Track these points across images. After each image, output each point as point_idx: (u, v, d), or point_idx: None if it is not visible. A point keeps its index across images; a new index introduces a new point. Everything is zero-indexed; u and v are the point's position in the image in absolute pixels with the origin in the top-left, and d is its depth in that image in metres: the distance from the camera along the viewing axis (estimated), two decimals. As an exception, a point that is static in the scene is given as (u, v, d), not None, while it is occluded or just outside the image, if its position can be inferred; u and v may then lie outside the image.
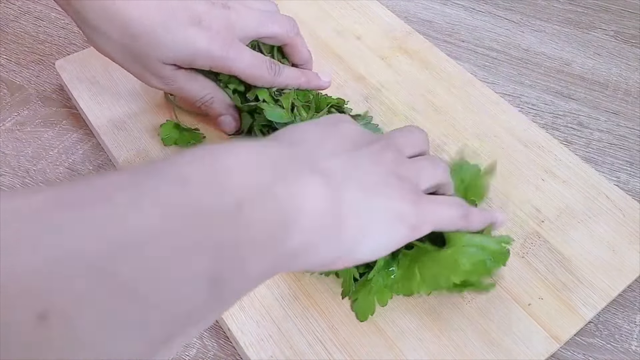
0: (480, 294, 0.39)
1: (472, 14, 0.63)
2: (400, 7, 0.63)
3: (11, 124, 0.52)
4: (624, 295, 0.42)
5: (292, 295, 0.39)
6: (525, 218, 0.43)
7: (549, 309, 0.39)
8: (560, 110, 0.54)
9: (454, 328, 0.38)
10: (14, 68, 0.56)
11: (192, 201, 0.21)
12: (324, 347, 0.37)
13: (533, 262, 0.41)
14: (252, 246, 0.22)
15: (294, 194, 0.25)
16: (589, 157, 0.50)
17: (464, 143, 0.48)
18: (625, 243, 0.42)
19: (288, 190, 0.25)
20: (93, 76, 0.51)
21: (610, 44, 0.60)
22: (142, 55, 0.40)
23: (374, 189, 0.31)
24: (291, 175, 0.26)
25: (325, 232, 0.27)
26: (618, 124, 0.53)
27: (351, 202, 0.29)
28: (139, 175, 0.22)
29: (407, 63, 0.54)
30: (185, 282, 0.20)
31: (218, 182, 0.22)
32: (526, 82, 0.56)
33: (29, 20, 0.60)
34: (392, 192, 0.32)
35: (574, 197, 0.45)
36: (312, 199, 0.26)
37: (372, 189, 0.31)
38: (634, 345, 0.40)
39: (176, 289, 0.20)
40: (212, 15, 0.40)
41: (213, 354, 0.39)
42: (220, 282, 0.21)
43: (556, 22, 0.62)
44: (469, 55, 0.59)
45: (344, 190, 0.29)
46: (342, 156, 0.31)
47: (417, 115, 0.50)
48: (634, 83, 0.56)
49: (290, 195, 0.25)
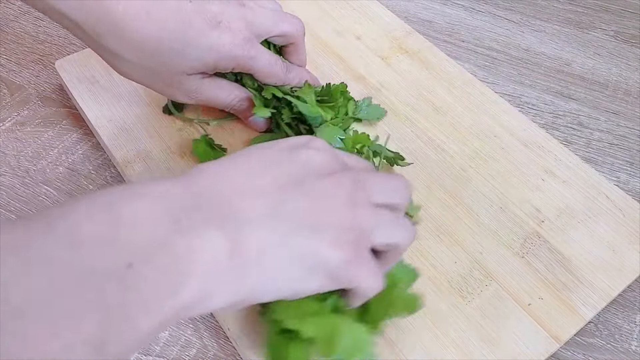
0: (480, 295, 0.39)
1: (472, 14, 0.63)
2: (400, 7, 0.63)
3: (11, 124, 0.52)
4: (624, 295, 0.42)
5: (292, 295, 0.39)
6: (525, 218, 0.43)
7: (549, 309, 0.39)
8: (560, 110, 0.54)
9: (454, 328, 0.38)
10: (14, 68, 0.56)
11: (82, 262, 0.21)
12: (324, 347, 0.37)
13: (533, 262, 0.41)
14: (143, 304, 0.22)
15: (190, 248, 0.24)
16: (589, 157, 0.50)
17: (464, 143, 0.48)
18: (625, 243, 0.42)
19: (183, 243, 0.24)
20: (93, 76, 0.51)
21: (610, 44, 0.60)
22: (164, 72, 0.39)
23: (298, 232, 0.28)
24: (188, 227, 0.24)
25: (222, 281, 0.25)
26: (618, 124, 0.53)
27: (259, 247, 0.26)
28: (32, 231, 0.21)
29: (407, 63, 0.54)
30: (70, 349, 0.20)
31: (110, 239, 0.22)
32: (526, 82, 0.56)
33: (29, 20, 0.60)
34: (323, 236, 0.28)
35: (574, 197, 0.45)
36: (209, 251, 0.24)
37: (296, 231, 0.28)
38: (634, 345, 0.40)
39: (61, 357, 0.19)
40: (229, 14, 0.40)
41: (213, 354, 0.39)
42: (108, 344, 0.21)
43: (556, 22, 0.62)
44: (469, 55, 0.59)
45: (251, 235, 0.26)
46: (269, 195, 0.28)
47: (417, 115, 0.50)
48: (634, 83, 0.56)
49: (185, 248, 0.24)
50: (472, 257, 0.41)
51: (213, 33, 0.39)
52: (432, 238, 0.42)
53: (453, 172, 0.46)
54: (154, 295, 0.22)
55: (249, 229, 0.26)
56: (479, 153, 0.47)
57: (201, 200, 0.26)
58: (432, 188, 0.45)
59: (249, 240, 0.26)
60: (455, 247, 0.42)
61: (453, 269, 0.40)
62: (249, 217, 0.27)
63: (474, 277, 0.40)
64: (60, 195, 0.46)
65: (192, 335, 0.40)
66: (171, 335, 0.40)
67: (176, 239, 0.23)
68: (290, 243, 0.27)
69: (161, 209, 0.24)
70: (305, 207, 0.28)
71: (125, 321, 0.21)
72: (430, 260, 0.41)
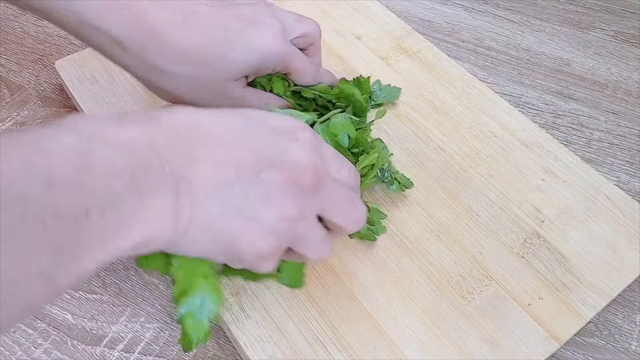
0: (480, 295, 0.39)
1: (472, 14, 0.63)
2: (400, 7, 0.63)
3: (11, 124, 0.52)
4: (624, 295, 0.42)
5: (292, 295, 0.39)
6: (525, 218, 0.43)
7: (549, 309, 0.39)
8: (560, 110, 0.54)
9: (454, 328, 0.38)
10: (14, 68, 0.56)
11: (52, 203, 0.22)
12: (323, 347, 0.37)
13: (533, 262, 0.41)
14: (90, 249, 0.24)
15: (140, 205, 0.25)
16: (589, 157, 0.50)
17: (464, 143, 0.48)
18: (625, 243, 0.42)
19: (135, 200, 0.25)
20: (93, 76, 0.51)
21: (610, 44, 0.60)
22: (211, 80, 0.39)
23: (238, 214, 0.28)
24: (144, 186, 0.25)
25: (161, 237, 0.27)
26: (618, 124, 0.53)
27: (200, 220, 0.28)
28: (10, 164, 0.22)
29: (407, 63, 0.54)
30: (25, 279, 0.22)
31: (78, 184, 0.23)
32: (526, 82, 0.56)
33: (29, 20, 0.60)
34: (266, 213, 0.29)
35: (574, 197, 0.45)
36: (156, 212, 0.26)
37: (237, 213, 0.28)
38: (634, 345, 0.40)
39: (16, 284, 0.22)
40: (261, 13, 0.39)
41: (213, 354, 0.39)
42: (56, 278, 0.23)
43: (556, 22, 0.62)
44: (469, 55, 0.59)
45: (196, 205, 0.27)
46: (231, 171, 0.28)
47: (417, 115, 0.50)
48: (634, 83, 0.56)
49: (136, 205, 0.25)
50: (472, 257, 0.41)
51: (253, 32, 0.38)
52: (432, 238, 0.42)
53: (453, 172, 0.46)
54: (100, 242, 0.24)
55: (197, 199, 0.27)
56: (479, 153, 0.47)
57: (163, 160, 0.27)
58: (432, 188, 0.45)
59: (193, 209, 0.27)
60: (455, 247, 0.42)
61: (453, 269, 0.40)
62: (202, 188, 0.27)
63: (474, 277, 0.40)
64: (60, 195, 0.46)
65: (192, 335, 0.40)
66: (171, 335, 0.40)
67: (131, 195, 0.25)
68: (226, 224, 0.28)
69: (125, 163, 0.25)
70: (257, 195, 0.29)
71: (73, 261, 0.23)
72: (430, 260, 0.41)
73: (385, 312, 0.38)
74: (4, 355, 0.38)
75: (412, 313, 0.38)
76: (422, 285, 0.40)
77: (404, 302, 0.39)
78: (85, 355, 0.39)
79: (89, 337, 0.39)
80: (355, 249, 0.41)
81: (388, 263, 0.41)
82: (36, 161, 0.22)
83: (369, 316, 0.38)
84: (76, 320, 0.40)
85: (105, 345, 0.39)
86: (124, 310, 0.41)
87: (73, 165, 0.23)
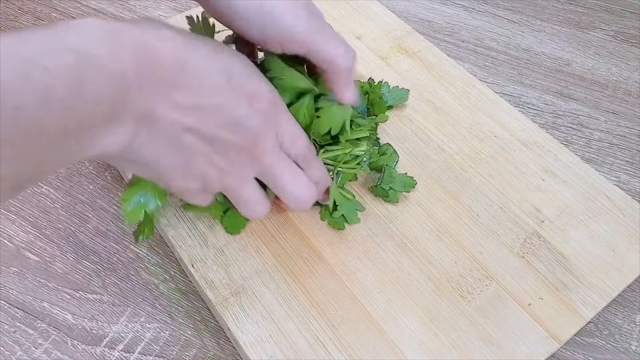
0: (480, 295, 0.39)
1: (472, 14, 0.63)
2: (400, 7, 0.63)
3: (11, 124, 0.52)
4: (624, 295, 0.42)
5: (292, 295, 0.39)
6: (525, 218, 0.43)
7: (549, 309, 0.39)
8: (560, 110, 0.54)
9: (454, 328, 0.38)
10: (14, 68, 0.56)
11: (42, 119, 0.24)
12: (323, 347, 0.37)
13: (533, 262, 0.41)
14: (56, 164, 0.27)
15: (107, 133, 0.28)
16: (589, 157, 0.50)
17: (464, 143, 0.48)
18: (625, 243, 0.42)
19: (106, 127, 0.27)
20: (93, 76, 0.51)
21: (610, 44, 0.60)
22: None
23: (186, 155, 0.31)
24: (117, 115, 0.28)
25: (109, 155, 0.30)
26: (618, 124, 0.53)
27: (149, 150, 0.30)
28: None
29: (407, 63, 0.54)
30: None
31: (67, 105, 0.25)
32: (526, 82, 0.56)
33: (29, 20, 0.60)
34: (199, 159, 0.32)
35: (574, 197, 0.45)
36: (116, 139, 0.29)
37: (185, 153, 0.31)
38: (634, 345, 0.40)
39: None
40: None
41: (213, 354, 0.39)
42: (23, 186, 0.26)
43: (556, 22, 0.62)
44: (469, 55, 0.59)
45: (153, 138, 0.30)
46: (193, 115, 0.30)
47: (417, 115, 0.50)
48: (634, 83, 0.56)
49: (103, 132, 0.28)
50: (472, 257, 0.41)
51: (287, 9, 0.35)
52: (432, 238, 0.42)
53: (453, 172, 0.46)
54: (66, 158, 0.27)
55: (155, 134, 0.30)
56: (479, 153, 0.47)
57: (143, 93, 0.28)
58: (432, 188, 0.45)
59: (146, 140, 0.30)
60: (455, 247, 0.42)
61: (453, 269, 0.40)
62: (164, 127, 0.30)
63: (474, 277, 0.40)
64: (61, 195, 0.46)
65: (192, 335, 0.40)
66: (171, 336, 0.40)
67: (104, 122, 0.27)
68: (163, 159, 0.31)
69: (110, 91, 0.27)
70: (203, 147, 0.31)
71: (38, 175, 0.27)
72: (430, 260, 0.41)
73: (385, 312, 0.38)
74: (4, 355, 0.38)
75: (412, 313, 0.38)
76: (422, 285, 0.40)
77: (404, 302, 0.39)
78: (86, 355, 0.39)
79: (89, 337, 0.39)
80: (356, 249, 0.41)
81: (388, 263, 0.41)
82: (35, 76, 0.24)
83: (369, 316, 0.38)
84: (76, 320, 0.40)
85: (106, 345, 0.39)
86: (124, 310, 0.41)
87: (68, 88, 0.25)
